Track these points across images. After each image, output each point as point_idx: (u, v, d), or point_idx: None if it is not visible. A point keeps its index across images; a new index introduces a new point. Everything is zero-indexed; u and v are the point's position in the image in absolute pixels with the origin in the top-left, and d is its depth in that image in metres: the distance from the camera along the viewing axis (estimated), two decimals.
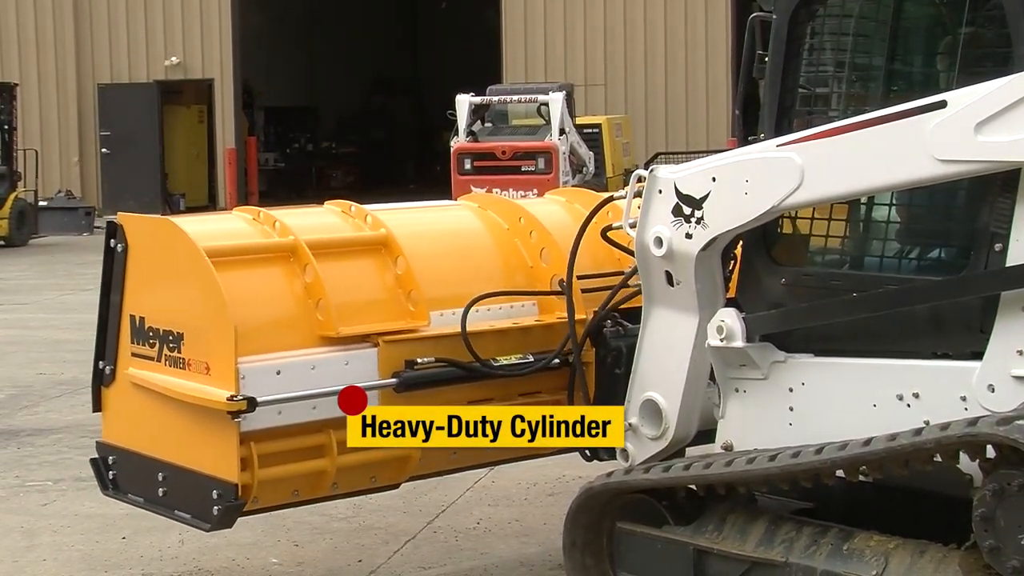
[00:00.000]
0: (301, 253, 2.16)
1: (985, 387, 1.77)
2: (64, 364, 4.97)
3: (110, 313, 2.27)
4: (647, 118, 11.58)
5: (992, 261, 1.78)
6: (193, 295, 2.10)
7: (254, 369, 2.04)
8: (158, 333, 2.16)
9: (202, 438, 2.09)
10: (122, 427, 2.30)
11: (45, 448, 3.72)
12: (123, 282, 2.24)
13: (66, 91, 12.81)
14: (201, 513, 2.11)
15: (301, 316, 2.14)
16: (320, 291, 2.13)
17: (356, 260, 2.24)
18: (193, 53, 12.77)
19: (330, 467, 2.14)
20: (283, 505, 2.24)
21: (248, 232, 2.24)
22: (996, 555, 1.67)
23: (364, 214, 2.33)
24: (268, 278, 2.16)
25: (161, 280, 2.19)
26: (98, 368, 2.31)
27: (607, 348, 2.27)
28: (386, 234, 2.27)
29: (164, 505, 2.20)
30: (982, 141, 1.73)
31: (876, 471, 1.77)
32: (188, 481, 2.12)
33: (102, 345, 2.30)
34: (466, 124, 8.86)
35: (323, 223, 2.32)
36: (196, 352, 2.09)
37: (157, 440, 2.20)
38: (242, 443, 2.05)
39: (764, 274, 2.02)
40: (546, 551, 2.66)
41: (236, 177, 12.47)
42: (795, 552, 1.89)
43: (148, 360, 2.18)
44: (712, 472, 1.95)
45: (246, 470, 2.06)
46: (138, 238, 2.23)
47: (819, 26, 2.01)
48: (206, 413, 2.06)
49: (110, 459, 2.32)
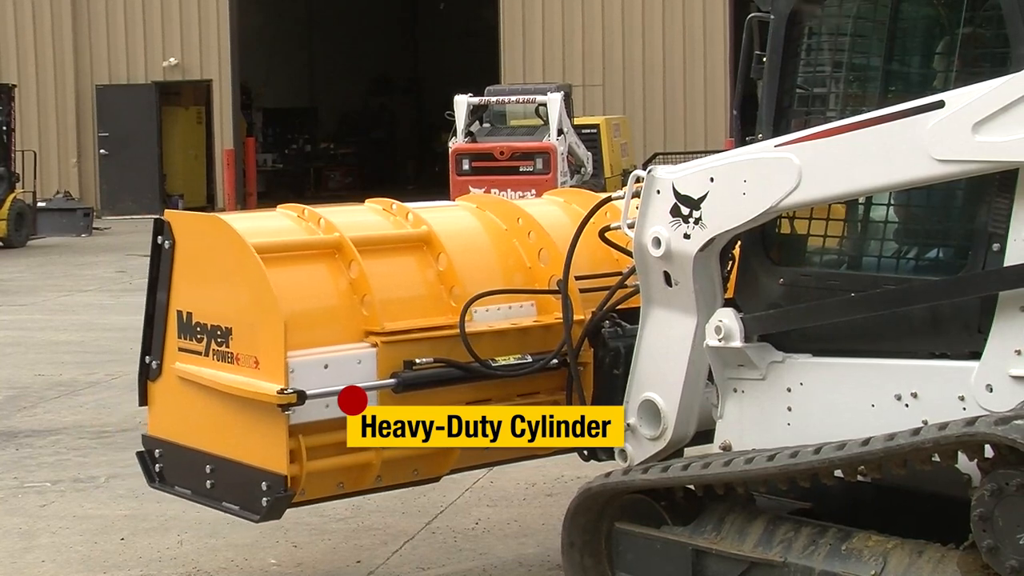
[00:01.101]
0: (346, 250, 2.19)
1: (983, 387, 1.77)
2: (63, 365, 4.96)
3: (156, 309, 2.29)
4: (645, 118, 11.59)
5: (990, 261, 1.78)
6: (242, 291, 2.12)
7: (303, 363, 2.06)
8: (206, 328, 2.17)
9: (251, 431, 2.10)
10: (168, 421, 2.31)
11: (44, 449, 3.71)
12: (170, 278, 2.26)
13: (64, 92, 12.80)
14: (250, 505, 2.12)
15: (346, 311, 2.16)
16: (365, 287, 2.16)
17: (399, 257, 2.28)
18: (191, 54, 12.76)
19: (375, 460, 2.16)
20: (328, 497, 2.25)
21: (293, 229, 2.26)
22: (994, 555, 1.67)
23: (406, 212, 2.36)
24: (314, 274, 2.18)
25: (209, 276, 2.21)
26: (144, 363, 2.33)
27: (605, 349, 2.27)
28: (428, 231, 2.30)
29: (212, 497, 2.21)
30: (980, 141, 1.73)
31: (874, 471, 1.77)
32: (236, 473, 2.13)
33: (148, 340, 2.31)
34: (464, 125, 8.87)
35: (366, 220, 2.35)
36: (245, 346, 2.11)
37: (205, 433, 2.21)
38: (291, 435, 2.07)
39: (762, 274, 2.02)
40: (544, 551, 2.65)
41: (235, 178, 12.47)
42: (793, 552, 1.89)
43: (195, 355, 2.20)
44: (710, 472, 1.95)
45: (295, 462, 2.08)
46: (186, 235, 2.24)
47: (817, 26, 2.01)
48: (255, 406, 2.07)
49: (156, 452, 2.33)
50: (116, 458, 3.56)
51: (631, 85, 11.73)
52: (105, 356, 5.13)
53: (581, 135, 9.18)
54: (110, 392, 4.46)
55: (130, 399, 4.30)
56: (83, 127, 12.85)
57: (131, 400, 4.27)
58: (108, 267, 8.22)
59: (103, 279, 7.74)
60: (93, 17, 12.75)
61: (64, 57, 12.78)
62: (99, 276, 7.83)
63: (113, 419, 4.05)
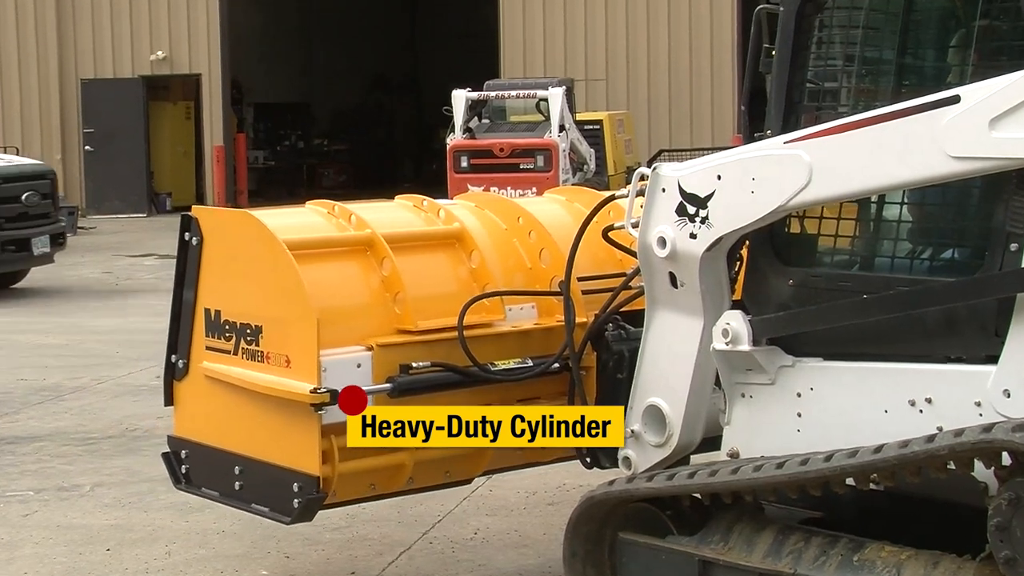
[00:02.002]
0: (378, 246, 2.17)
1: (1000, 392, 1.72)
2: (46, 370, 4.87)
3: (183, 307, 2.26)
4: (650, 114, 11.38)
5: (1008, 261, 1.73)
6: (273, 288, 2.10)
7: (335, 362, 2.04)
8: (235, 326, 2.15)
9: (282, 431, 2.08)
10: (195, 421, 2.28)
11: (26, 457, 3.63)
12: (197, 275, 2.23)
13: (48, 86, 12.58)
14: (280, 506, 2.09)
15: (379, 309, 2.14)
16: (398, 284, 2.15)
17: (431, 254, 2.26)
18: (180, 47, 12.59)
19: (408, 461, 2.15)
20: (359, 499, 2.24)
21: (324, 226, 2.24)
22: (1012, 566, 1.63)
23: (436, 208, 2.34)
24: (346, 271, 2.17)
25: (238, 273, 2.18)
26: (170, 362, 2.29)
27: (609, 352, 2.22)
28: (460, 228, 2.29)
29: (240, 499, 2.19)
30: (997, 137, 1.69)
31: (888, 479, 1.73)
32: (266, 474, 2.11)
33: (175, 339, 2.28)
34: (463, 121, 8.71)
35: (397, 217, 2.34)
36: (275, 345, 2.08)
37: (233, 433, 2.19)
38: (323, 436, 2.04)
39: (771, 275, 1.97)
40: (546, 562, 2.61)
41: (224, 176, 12.34)
42: (804, 563, 1.85)
43: (224, 353, 2.17)
44: (718, 480, 1.91)
45: (327, 463, 2.06)
46: (214, 231, 2.21)
47: (828, 18, 1.96)
48: (287, 406, 2.05)
49: (183, 453, 2.30)
50: (101, 466, 3.48)
51: (635, 79, 11.51)
52: (90, 360, 5.04)
53: (584, 131, 9.00)
54: (95, 397, 4.37)
55: (116, 405, 4.28)
56: (67, 122, 12.66)
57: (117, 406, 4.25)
58: (94, 267, 8.11)
59: (88, 280, 7.63)
60: (77, 8, 12.53)
61: (47, 49, 12.59)
62: (84, 277, 7.73)
63: (98, 425, 3.97)
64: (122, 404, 4.21)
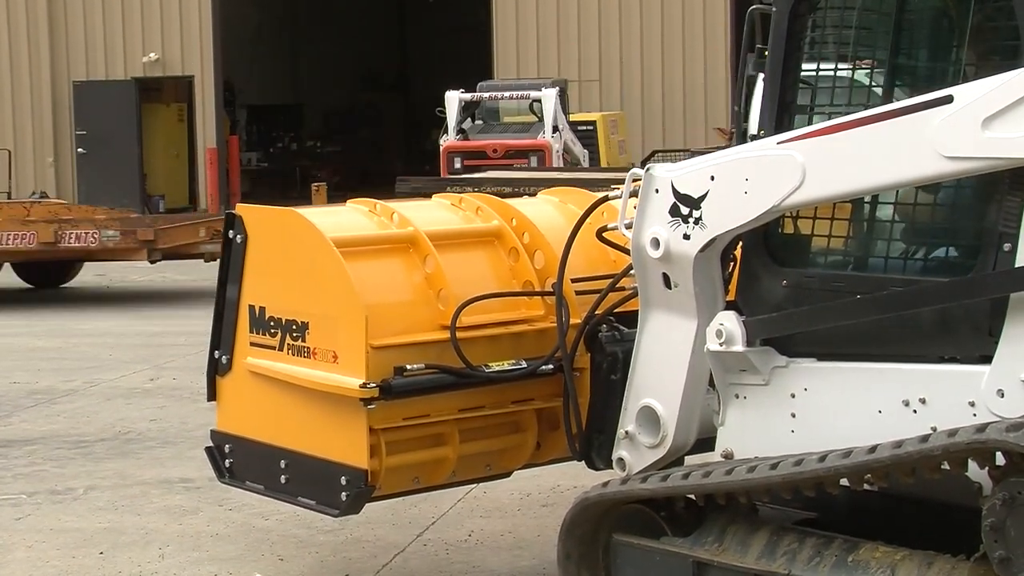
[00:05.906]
0: (421, 244, 2.21)
1: (994, 392, 1.72)
2: (39, 372, 4.85)
3: (227, 304, 2.29)
4: (643, 115, 11.38)
5: (1001, 261, 1.73)
6: (320, 285, 2.12)
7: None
8: (280, 323, 2.17)
9: (329, 425, 2.11)
10: (239, 416, 2.31)
11: (19, 460, 3.61)
12: (242, 272, 2.26)
13: (40, 88, 12.56)
14: (328, 499, 2.12)
15: (422, 305, 2.18)
16: (441, 281, 2.19)
17: (472, 251, 2.29)
18: (172, 49, 12.56)
19: (452, 455, 2.19)
20: (403, 492, 2.27)
21: (367, 224, 2.27)
22: (1006, 566, 1.63)
23: (474, 206, 2.38)
24: (390, 268, 2.20)
25: (284, 270, 2.20)
26: (213, 358, 2.32)
27: (602, 353, 2.21)
28: (499, 226, 2.32)
29: (287, 492, 2.21)
30: (989, 137, 1.69)
31: (881, 480, 1.73)
32: (313, 468, 2.13)
33: (218, 335, 2.31)
34: (456, 122, 8.76)
35: (437, 215, 2.37)
36: (322, 341, 2.11)
37: (278, 428, 2.21)
38: (370, 430, 2.09)
39: (765, 276, 1.97)
40: (540, 564, 2.61)
41: (217, 178, 12.30)
42: (798, 564, 1.85)
43: (269, 349, 2.20)
44: (712, 481, 1.90)
45: (374, 457, 2.09)
46: (259, 229, 2.24)
47: (821, 19, 1.96)
48: (334, 401, 2.08)
49: (226, 447, 2.33)
50: (94, 469, 3.47)
51: (629, 80, 11.52)
52: (83, 363, 5.02)
53: (577, 132, 9.05)
54: (88, 400, 4.35)
55: (109, 408, 4.26)
56: (60, 125, 12.61)
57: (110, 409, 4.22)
58: (86, 270, 8.06)
59: (81, 282, 7.59)
60: (70, 9, 12.50)
61: (39, 51, 12.54)
62: (77, 279, 7.68)
63: (91, 428, 3.94)
64: (115, 407, 4.18)
